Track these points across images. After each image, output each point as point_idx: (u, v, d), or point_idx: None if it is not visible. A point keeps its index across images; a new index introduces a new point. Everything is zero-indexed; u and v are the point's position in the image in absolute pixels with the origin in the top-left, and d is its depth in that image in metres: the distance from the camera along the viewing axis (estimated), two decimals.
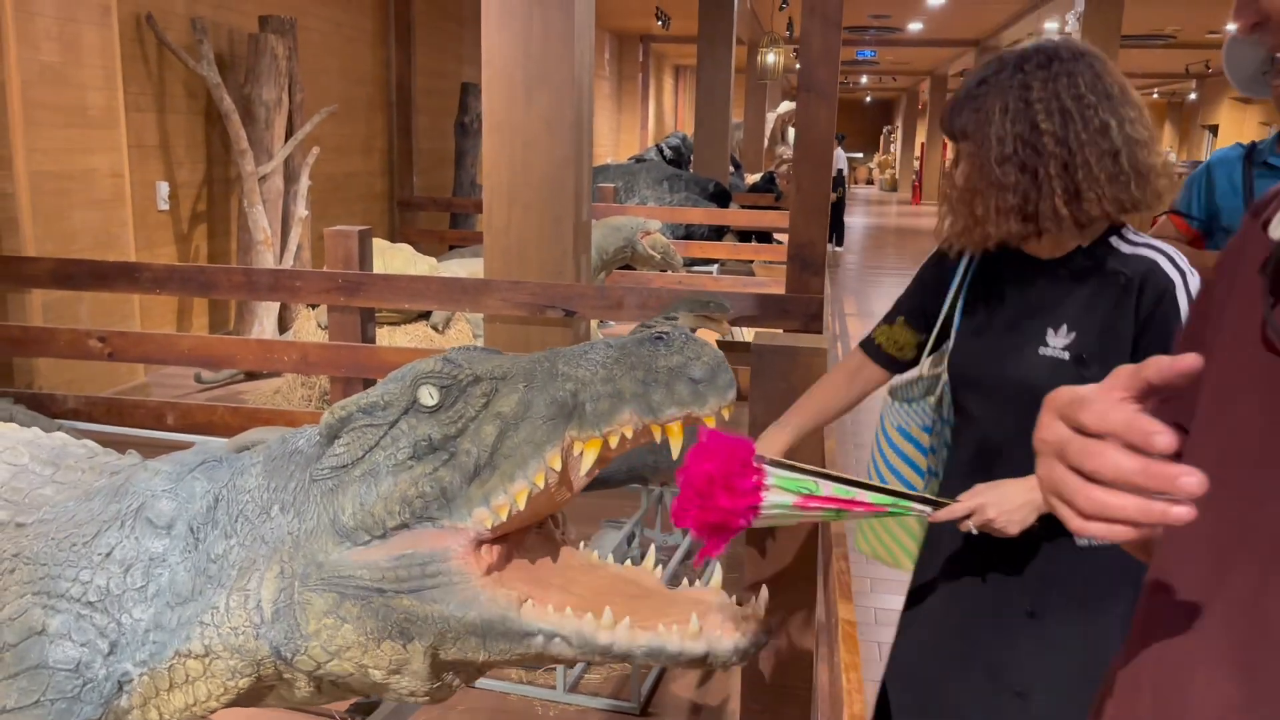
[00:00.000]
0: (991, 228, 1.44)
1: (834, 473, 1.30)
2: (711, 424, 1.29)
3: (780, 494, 1.20)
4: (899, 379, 1.66)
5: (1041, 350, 1.46)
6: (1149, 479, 0.59)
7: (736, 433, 1.47)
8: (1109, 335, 1.42)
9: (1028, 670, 1.49)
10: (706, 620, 1.26)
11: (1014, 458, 1.46)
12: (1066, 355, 1.44)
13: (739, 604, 1.30)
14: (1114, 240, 1.46)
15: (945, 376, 1.58)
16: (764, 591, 1.30)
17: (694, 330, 2.83)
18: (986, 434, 1.53)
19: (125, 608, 1.44)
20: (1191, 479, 0.57)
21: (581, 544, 1.45)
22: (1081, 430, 0.64)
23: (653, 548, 1.46)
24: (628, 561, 1.40)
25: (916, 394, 1.61)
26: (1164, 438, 0.58)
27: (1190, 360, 0.59)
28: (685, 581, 1.36)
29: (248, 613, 1.37)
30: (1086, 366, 1.42)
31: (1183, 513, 0.58)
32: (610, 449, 1.30)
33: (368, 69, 8.33)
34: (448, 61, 9.79)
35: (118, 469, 1.65)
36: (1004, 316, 1.53)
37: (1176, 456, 0.60)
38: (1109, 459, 0.60)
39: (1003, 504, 1.37)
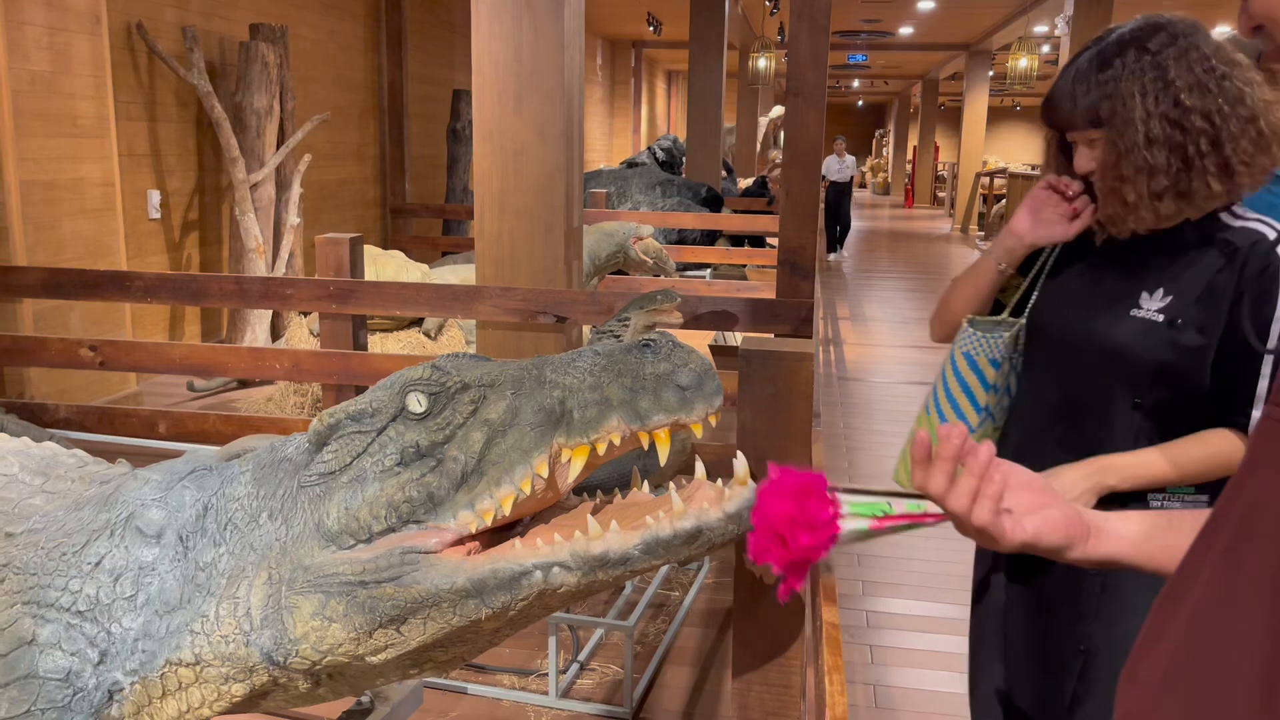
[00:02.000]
0: (1145, 212, 1.43)
1: (904, 490, 1.31)
2: (699, 431, 1.30)
3: (856, 520, 1.21)
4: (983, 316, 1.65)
5: (1134, 312, 1.47)
6: None
7: (724, 438, 1.47)
8: (1207, 300, 1.42)
9: (1096, 631, 1.51)
10: (691, 500, 1.27)
11: (1089, 412, 1.49)
12: (1160, 318, 1.44)
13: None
14: (1223, 215, 1.46)
15: (1023, 327, 1.59)
16: (741, 456, 1.30)
17: (650, 326, 2.87)
18: (1062, 389, 1.54)
19: (115, 617, 1.44)
20: None
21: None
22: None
23: (636, 471, 1.46)
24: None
25: (997, 329, 1.60)
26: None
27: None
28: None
29: (237, 620, 1.37)
30: (1180, 330, 1.42)
31: None
32: (598, 456, 1.31)
33: (359, 76, 8.33)
34: (439, 68, 9.80)
35: (107, 478, 1.65)
36: (1096, 277, 1.53)
37: None
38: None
39: (1065, 493, 1.38)
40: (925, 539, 3.73)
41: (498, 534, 1.37)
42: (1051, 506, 0.95)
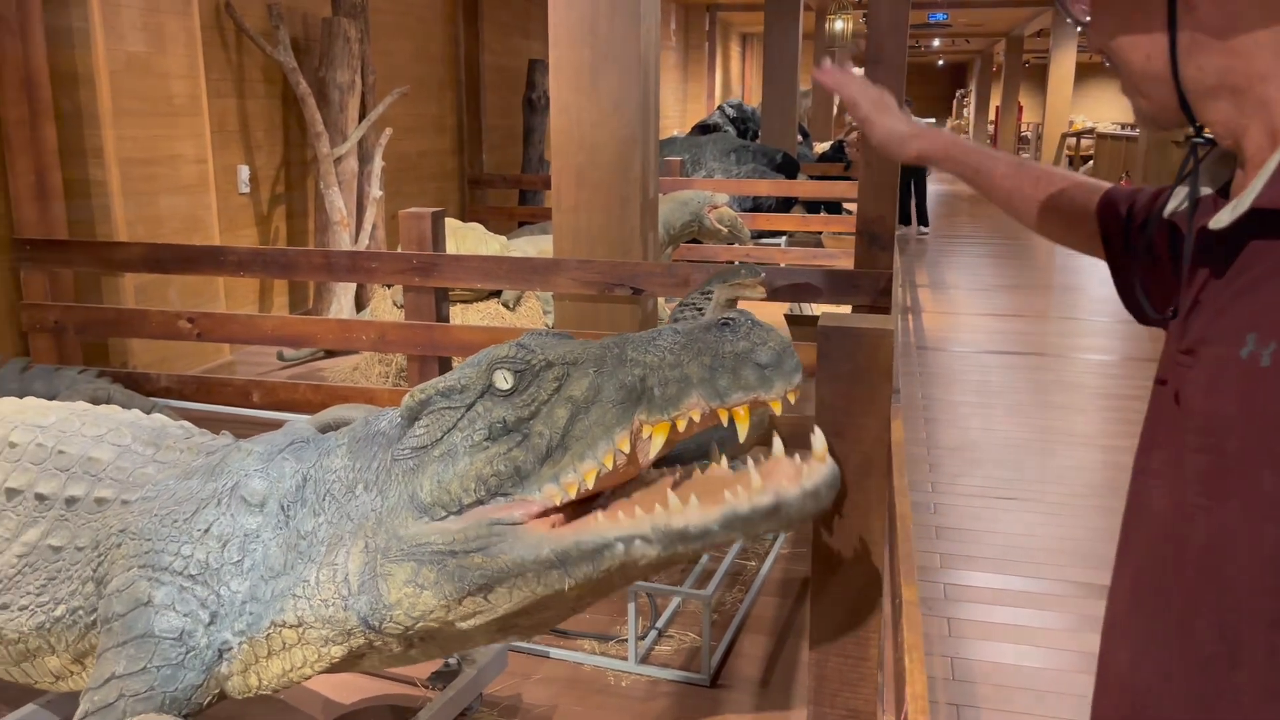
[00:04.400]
0: None
1: None
2: (778, 409, 1.32)
3: None
4: None
5: None
6: None
7: (802, 410, 1.47)
8: None
9: None
10: (770, 476, 1.29)
11: None
12: None
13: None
14: None
15: None
16: (819, 431, 1.32)
17: (733, 301, 2.89)
18: None
19: (223, 580, 1.53)
20: None
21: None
22: None
23: (714, 445, 1.47)
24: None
25: None
26: None
27: None
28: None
29: (336, 585, 1.45)
30: None
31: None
32: (678, 432, 1.34)
33: (437, 48, 8.42)
34: (515, 37, 9.85)
35: (213, 449, 1.75)
36: None
37: None
38: None
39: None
40: (1005, 510, 3.69)
41: (579, 506, 1.42)
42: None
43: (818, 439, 1.31)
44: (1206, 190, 0.82)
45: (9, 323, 4.16)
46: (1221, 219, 0.76)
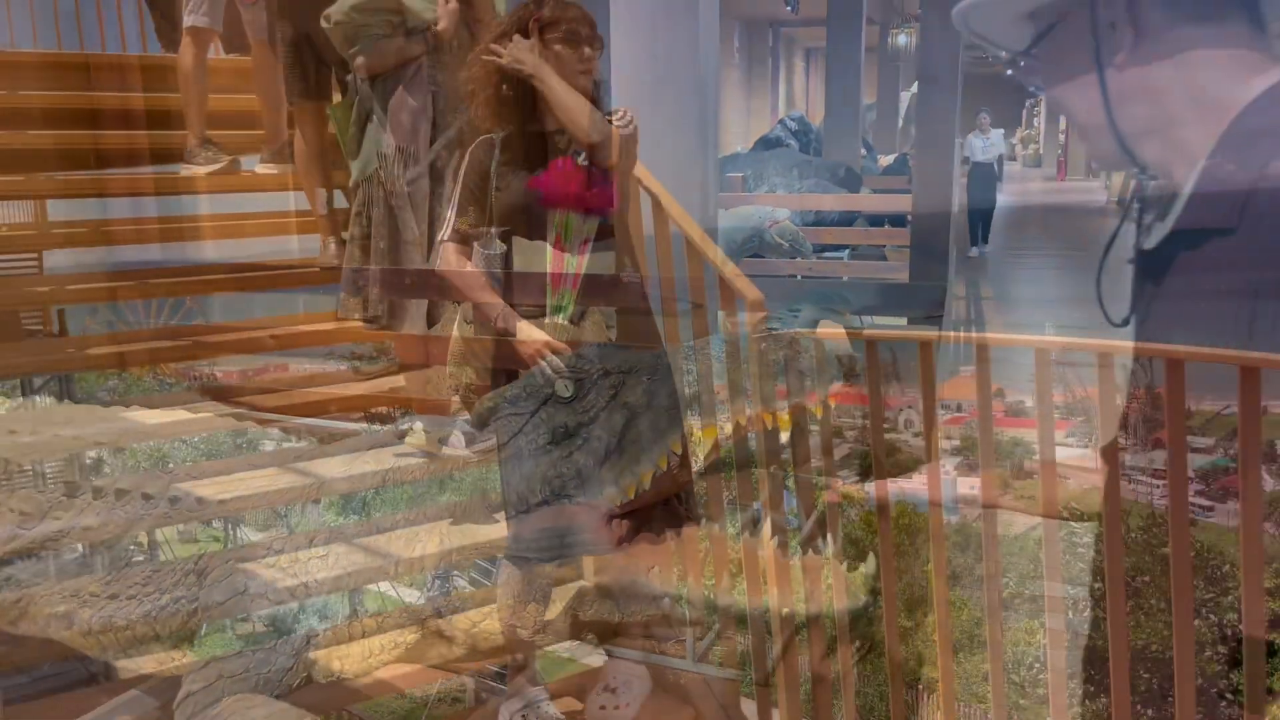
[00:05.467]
0: None
1: None
2: (819, 414, 1.42)
3: None
4: None
5: None
6: None
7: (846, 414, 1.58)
8: None
9: None
10: (816, 586, 1.40)
11: None
12: None
13: (848, 572, 1.43)
14: None
15: None
16: (871, 558, 1.42)
17: (818, 323, 2.97)
18: None
19: (310, 572, 1.67)
20: None
21: (703, 519, 1.60)
22: None
23: (769, 521, 1.60)
24: (745, 535, 1.55)
25: None
26: None
27: None
28: (799, 551, 1.50)
29: (412, 577, 1.58)
30: None
31: None
32: (726, 435, 1.45)
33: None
34: None
35: (300, 453, 1.90)
36: None
37: None
38: None
39: None
40: (1059, 519, 3.69)
41: (640, 513, 1.53)
42: None
43: (869, 565, 1.42)
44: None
45: (107, 338, 4.42)
46: (1148, 240, 0.87)
